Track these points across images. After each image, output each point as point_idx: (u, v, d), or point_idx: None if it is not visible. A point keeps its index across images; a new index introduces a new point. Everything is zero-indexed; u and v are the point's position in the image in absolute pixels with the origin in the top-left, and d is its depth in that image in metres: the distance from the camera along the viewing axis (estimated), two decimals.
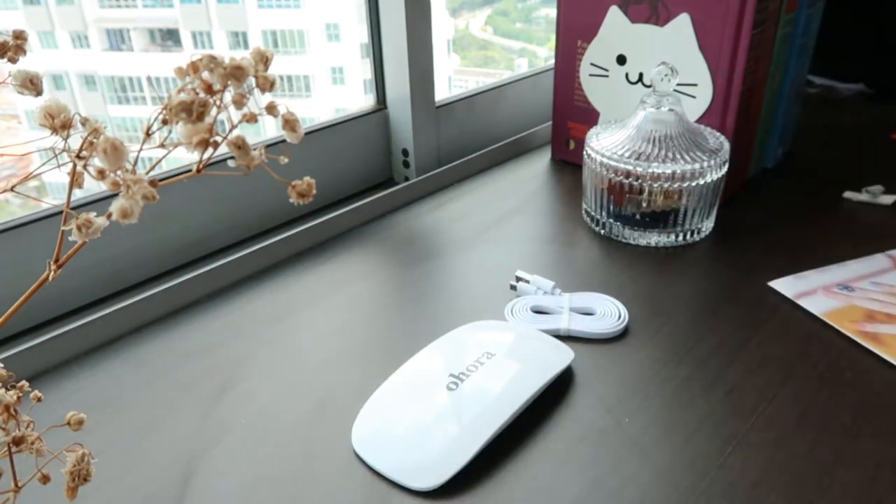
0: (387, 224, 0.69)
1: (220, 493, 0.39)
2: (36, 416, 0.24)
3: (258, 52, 0.19)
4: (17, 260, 0.53)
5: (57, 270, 0.21)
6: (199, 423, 0.44)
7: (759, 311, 0.53)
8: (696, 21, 0.65)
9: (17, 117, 1.06)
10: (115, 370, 0.49)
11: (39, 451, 0.23)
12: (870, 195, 0.71)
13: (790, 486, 0.38)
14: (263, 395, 0.46)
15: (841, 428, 0.42)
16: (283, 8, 2.39)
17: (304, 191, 0.20)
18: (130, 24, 2.05)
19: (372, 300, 0.57)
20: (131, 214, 0.18)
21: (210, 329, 0.53)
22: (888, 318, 0.52)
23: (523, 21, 2.46)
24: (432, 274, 0.60)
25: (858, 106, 1.00)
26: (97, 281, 0.58)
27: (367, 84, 0.80)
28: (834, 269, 0.59)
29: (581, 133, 0.78)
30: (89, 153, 0.20)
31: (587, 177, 0.65)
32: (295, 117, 0.20)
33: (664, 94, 0.60)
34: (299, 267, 0.61)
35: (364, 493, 0.38)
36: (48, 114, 0.20)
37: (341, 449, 0.41)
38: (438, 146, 0.82)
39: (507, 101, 0.92)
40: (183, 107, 0.18)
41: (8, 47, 0.21)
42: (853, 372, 0.47)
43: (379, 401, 0.44)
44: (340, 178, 0.77)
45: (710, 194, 0.61)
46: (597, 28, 0.72)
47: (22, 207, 0.55)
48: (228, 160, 0.19)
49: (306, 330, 0.53)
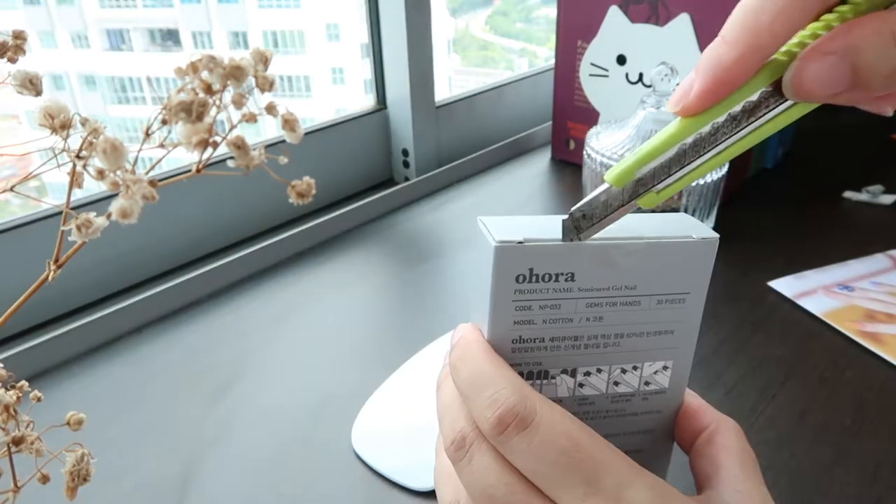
0: (387, 224, 0.69)
1: (220, 493, 0.39)
2: (36, 416, 0.24)
3: (258, 53, 0.19)
4: (17, 260, 0.53)
5: (57, 270, 0.21)
6: (198, 423, 0.44)
7: (759, 311, 0.53)
8: (696, 21, 0.65)
9: (17, 117, 1.06)
10: (115, 370, 0.49)
11: (39, 451, 0.23)
12: (870, 195, 0.71)
13: (790, 486, 0.38)
14: (263, 395, 0.46)
15: (841, 428, 0.42)
16: (283, 8, 2.39)
17: (304, 191, 0.20)
18: (130, 25, 2.05)
19: (372, 300, 0.57)
20: (131, 214, 0.18)
21: (210, 329, 0.53)
22: (888, 317, 0.52)
23: (523, 21, 2.46)
24: (432, 274, 0.60)
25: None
26: (97, 281, 0.58)
27: (367, 84, 0.80)
28: (834, 269, 0.59)
29: (581, 133, 0.78)
30: (89, 153, 0.20)
31: (587, 177, 0.65)
32: (295, 117, 0.20)
33: (664, 94, 0.60)
34: (299, 267, 0.61)
35: (364, 493, 0.38)
36: (48, 114, 0.20)
37: (341, 449, 0.41)
38: (438, 146, 0.82)
39: (507, 101, 0.92)
40: (182, 107, 0.18)
41: (8, 47, 0.21)
42: (853, 372, 0.47)
43: (379, 401, 0.44)
44: (340, 178, 0.77)
45: (710, 194, 0.61)
46: (597, 28, 0.72)
47: (22, 207, 0.55)
48: (228, 160, 0.19)
49: (306, 330, 0.53)
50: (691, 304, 0.25)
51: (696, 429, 0.26)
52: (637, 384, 0.26)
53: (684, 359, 0.26)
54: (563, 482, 0.21)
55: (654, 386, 0.26)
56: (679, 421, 0.27)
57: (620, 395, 0.26)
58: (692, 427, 0.27)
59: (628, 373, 0.26)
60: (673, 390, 0.27)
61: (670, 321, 0.25)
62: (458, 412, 0.24)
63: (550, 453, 0.21)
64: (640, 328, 0.25)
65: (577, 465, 0.21)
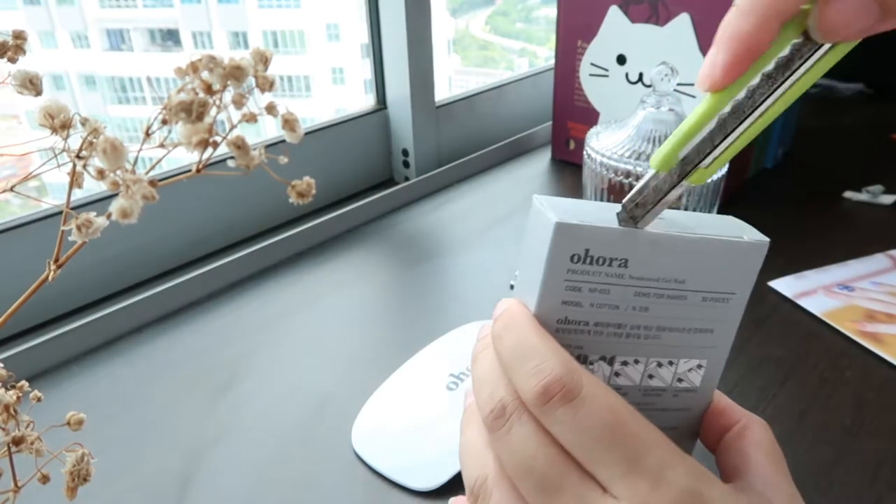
0: (387, 224, 0.69)
1: (220, 493, 0.39)
2: (36, 416, 0.24)
3: (258, 53, 0.19)
4: (17, 260, 0.53)
5: (57, 270, 0.21)
6: (199, 423, 0.44)
7: (759, 311, 0.53)
8: (696, 21, 0.65)
9: (17, 117, 1.06)
10: (115, 370, 0.49)
11: (39, 451, 0.23)
12: (870, 195, 0.71)
13: None
14: (263, 396, 0.46)
15: (841, 428, 0.42)
16: (283, 8, 2.39)
17: (304, 191, 0.20)
18: (130, 24, 2.05)
19: (372, 300, 0.57)
20: (131, 214, 0.18)
21: (210, 329, 0.53)
22: (888, 317, 0.52)
23: (523, 21, 2.46)
24: (432, 274, 0.60)
25: (858, 106, 1.00)
26: (97, 281, 0.58)
27: (367, 84, 0.80)
28: (834, 269, 0.59)
29: (581, 133, 0.78)
30: (89, 153, 0.20)
31: (587, 177, 0.65)
32: (295, 117, 0.20)
33: (664, 94, 0.60)
34: (299, 267, 0.61)
35: (364, 493, 0.38)
36: (48, 114, 0.20)
37: (341, 449, 0.41)
38: (438, 146, 0.82)
39: (507, 101, 0.92)
40: (183, 107, 0.18)
41: (8, 47, 0.21)
42: (853, 372, 0.47)
43: (379, 401, 0.44)
44: (340, 178, 0.77)
45: (710, 194, 0.61)
46: (597, 28, 0.72)
47: (22, 207, 0.56)
48: (228, 160, 0.19)
49: (306, 330, 0.53)
50: (734, 306, 0.25)
51: (726, 425, 0.26)
52: (670, 379, 0.26)
53: (719, 359, 0.26)
54: (606, 457, 0.21)
55: (686, 384, 0.26)
56: (707, 418, 0.27)
57: (652, 389, 0.26)
58: (721, 424, 0.27)
59: (664, 367, 0.26)
60: (703, 390, 0.27)
61: (712, 319, 0.25)
62: (498, 381, 0.23)
63: (595, 427, 0.21)
64: (682, 323, 0.25)
65: (621, 441, 0.21)
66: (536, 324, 0.23)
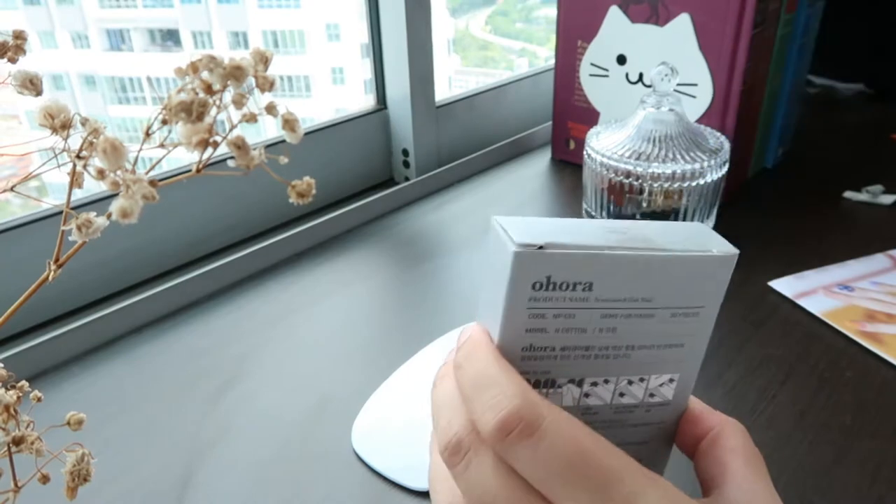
0: (387, 224, 0.69)
1: (221, 493, 0.39)
2: (36, 416, 0.24)
3: (258, 53, 0.19)
4: (17, 260, 0.53)
5: (57, 270, 0.21)
6: (199, 423, 0.44)
7: (759, 311, 0.53)
8: (696, 21, 0.65)
9: (17, 117, 1.06)
10: (115, 370, 0.49)
11: (39, 451, 0.23)
12: (870, 195, 0.71)
13: (790, 486, 0.38)
14: (263, 395, 0.46)
15: (841, 428, 0.42)
16: (283, 8, 2.39)
17: (304, 191, 0.20)
18: (130, 24, 2.05)
19: (372, 300, 0.57)
20: (131, 214, 0.18)
21: (210, 329, 0.53)
22: (888, 317, 0.52)
23: (523, 21, 2.46)
24: (433, 274, 0.60)
25: (858, 106, 1.00)
26: (97, 281, 0.58)
27: (367, 84, 0.80)
28: (834, 269, 0.59)
29: (581, 133, 0.78)
30: (89, 153, 0.20)
31: (587, 177, 0.65)
32: (295, 117, 0.20)
33: (664, 94, 0.60)
34: (299, 267, 0.61)
35: (364, 493, 0.38)
36: (48, 114, 0.20)
37: (341, 449, 0.41)
38: (438, 146, 0.82)
39: (507, 101, 0.92)
40: (183, 107, 0.18)
41: (8, 47, 0.21)
42: (853, 372, 0.47)
43: (379, 401, 0.44)
44: (340, 178, 0.77)
45: (710, 194, 0.61)
46: (597, 28, 0.72)
47: (22, 207, 0.56)
48: (228, 160, 0.19)
49: (306, 330, 0.53)
50: (704, 318, 0.25)
51: (700, 433, 0.26)
52: (642, 395, 0.26)
53: (691, 372, 0.26)
54: (572, 492, 0.20)
55: (659, 398, 0.26)
56: (682, 426, 0.27)
57: (624, 407, 0.26)
58: (695, 432, 0.26)
59: (635, 384, 0.25)
60: (676, 402, 0.26)
61: (682, 334, 0.25)
62: (454, 413, 0.23)
63: (558, 461, 0.20)
64: (652, 340, 0.24)
65: (585, 474, 0.20)
66: (498, 354, 0.23)
